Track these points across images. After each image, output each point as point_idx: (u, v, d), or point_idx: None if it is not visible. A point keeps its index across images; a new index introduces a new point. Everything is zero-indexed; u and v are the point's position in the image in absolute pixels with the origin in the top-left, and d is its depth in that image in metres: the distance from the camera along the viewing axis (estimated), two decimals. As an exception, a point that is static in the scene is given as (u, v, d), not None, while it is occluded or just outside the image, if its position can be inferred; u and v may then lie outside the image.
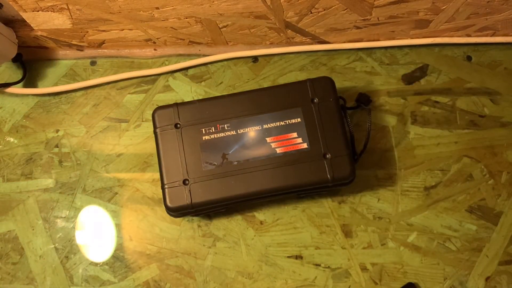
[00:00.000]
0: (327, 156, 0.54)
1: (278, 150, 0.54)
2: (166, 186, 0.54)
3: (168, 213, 0.56)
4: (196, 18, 0.61)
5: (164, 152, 0.55)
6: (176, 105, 0.57)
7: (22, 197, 0.64)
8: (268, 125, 0.55)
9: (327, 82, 0.57)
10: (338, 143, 0.54)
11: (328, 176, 0.53)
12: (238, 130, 0.55)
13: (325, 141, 0.54)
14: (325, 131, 0.55)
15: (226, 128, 0.56)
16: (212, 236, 0.61)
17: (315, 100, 0.56)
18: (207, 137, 0.55)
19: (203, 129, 0.56)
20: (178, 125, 0.56)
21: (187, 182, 0.54)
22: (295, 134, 0.55)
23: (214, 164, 0.54)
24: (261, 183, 0.54)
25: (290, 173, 0.54)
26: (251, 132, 0.55)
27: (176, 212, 0.54)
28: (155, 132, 0.56)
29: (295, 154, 0.54)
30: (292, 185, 0.54)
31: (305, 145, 0.54)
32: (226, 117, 0.56)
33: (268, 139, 0.55)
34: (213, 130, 0.55)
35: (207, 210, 0.58)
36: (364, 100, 0.63)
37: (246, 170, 0.54)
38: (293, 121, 0.55)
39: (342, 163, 0.54)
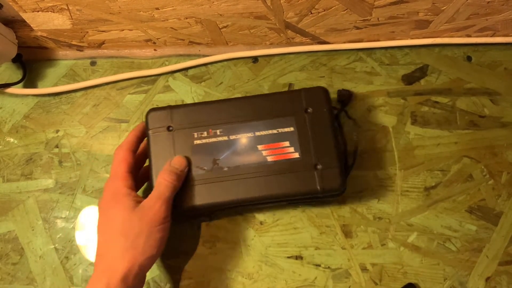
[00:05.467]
0: (318, 167, 0.53)
1: (269, 158, 0.54)
2: None
3: None
4: (196, 18, 0.61)
5: (155, 154, 0.55)
6: (170, 107, 0.56)
7: (22, 198, 0.64)
8: (260, 132, 0.55)
9: (321, 92, 0.56)
10: (329, 155, 0.54)
11: (318, 187, 0.53)
12: (230, 136, 0.55)
13: (316, 152, 0.54)
14: (317, 142, 0.54)
15: (218, 133, 0.55)
16: (212, 236, 0.61)
17: (309, 110, 0.55)
18: (198, 142, 0.55)
19: (195, 133, 0.55)
20: (171, 128, 0.56)
21: None
22: (287, 143, 0.55)
23: (205, 169, 0.54)
24: (250, 190, 0.53)
25: (280, 182, 0.53)
26: (243, 138, 0.55)
27: None
28: (147, 134, 0.56)
29: (286, 163, 0.54)
30: (281, 194, 0.54)
31: (296, 155, 0.54)
32: (219, 122, 0.55)
33: (259, 147, 0.55)
34: (205, 135, 0.55)
35: (196, 215, 0.57)
36: (346, 97, 0.63)
37: (236, 176, 0.54)
38: (285, 130, 0.55)
39: (333, 175, 0.53)
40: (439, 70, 0.66)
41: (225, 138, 0.55)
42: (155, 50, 0.69)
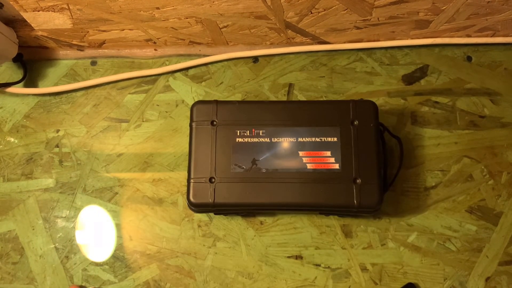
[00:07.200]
0: (357, 181, 0.53)
1: (309, 166, 0.54)
2: (192, 181, 0.54)
3: (189, 206, 0.56)
4: (197, 18, 0.61)
5: (196, 147, 0.55)
6: (216, 102, 0.57)
7: (22, 197, 0.64)
8: (303, 139, 0.55)
9: (370, 106, 0.56)
10: (370, 170, 0.53)
11: (355, 201, 0.52)
12: (273, 139, 0.55)
13: (357, 166, 0.53)
14: (360, 156, 0.54)
15: (261, 134, 0.55)
16: (212, 236, 0.61)
17: (355, 123, 0.55)
18: (240, 140, 0.55)
19: (238, 131, 0.55)
20: (214, 123, 0.56)
21: (213, 180, 0.54)
22: (328, 153, 0.54)
23: (243, 168, 0.54)
24: (286, 195, 0.53)
25: (316, 191, 0.53)
26: (285, 142, 0.55)
27: (197, 207, 0.55)
28: (190, 125, 0.56)
29: (325, 173, 0.53)
30: (316, 204, 0.53)
31: (336, 166, 0.54)
32: (263, 123, 0.56)
33: (300, 153, 0.54)
34: (248, 134, 0.55)
35: (227, 211, 0.58)
36: None
37: (273, 179, 0.54)
38: (329, 139, 0.55)
39: (371, 191, 0.53)
40: (439, 70, 0.66)
41: (267, 139, 0.55)
42: (155, 50, 0.70)
